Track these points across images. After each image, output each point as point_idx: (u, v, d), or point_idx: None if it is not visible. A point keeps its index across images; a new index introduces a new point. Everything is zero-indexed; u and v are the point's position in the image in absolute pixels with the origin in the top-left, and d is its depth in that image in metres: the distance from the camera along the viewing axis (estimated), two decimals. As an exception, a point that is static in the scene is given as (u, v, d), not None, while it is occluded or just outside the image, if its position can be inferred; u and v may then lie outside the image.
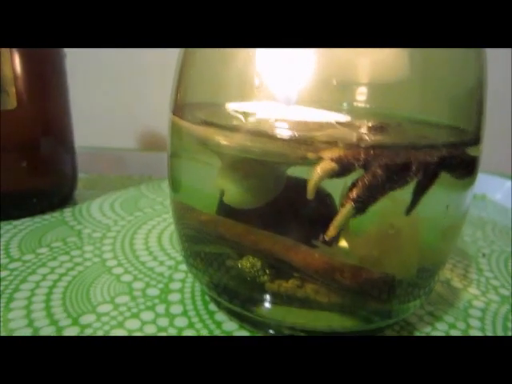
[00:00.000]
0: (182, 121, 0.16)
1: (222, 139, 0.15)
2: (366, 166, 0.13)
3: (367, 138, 0.14)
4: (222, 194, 0.18)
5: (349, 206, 0.14)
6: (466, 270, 0.25)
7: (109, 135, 0.46)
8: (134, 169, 0.41)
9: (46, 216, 0.29)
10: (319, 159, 0.14)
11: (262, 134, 0.15)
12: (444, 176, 0.15)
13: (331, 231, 0.14)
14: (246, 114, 0.15)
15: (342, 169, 0.13)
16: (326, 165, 0.13)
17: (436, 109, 0.16)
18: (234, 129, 0.15)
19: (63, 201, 0.31)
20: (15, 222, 0.27)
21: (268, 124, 0.15)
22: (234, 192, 0.16)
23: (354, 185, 0.14)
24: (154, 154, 0.42)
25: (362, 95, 0.15)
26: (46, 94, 0.28)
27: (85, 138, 0.35)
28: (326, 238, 0.14)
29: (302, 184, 0.17)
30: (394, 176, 0.14)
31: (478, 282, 0.24)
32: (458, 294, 0.22)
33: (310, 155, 0.14)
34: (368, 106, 0.16)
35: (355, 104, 0.15)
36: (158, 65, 0.46)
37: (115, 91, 0.47)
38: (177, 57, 0.18)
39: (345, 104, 0.15)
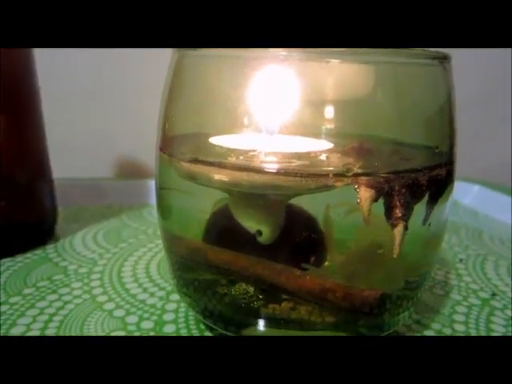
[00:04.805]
0: (172, 158, 0.17)
1: (248, 179, 0.16)
2: (391, 189, 0.15)
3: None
4: (210, 222, 0.19)
5: (401, 226, 0.15)
6: (446, 277, 0.26)
7: (85, 165, 0.46)
8: (112, 198, 0.40)
9: (28, 254, 0.28)
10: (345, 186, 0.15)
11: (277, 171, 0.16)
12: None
13: (397, 249, 0.15)
14: (233, 151, 0.16)
15: (377, 194, 0.15)
16: (367, 192, 0.15)
17: (411, 126, 0.17)
18: (240, 167, 0.16)
19: (45, 236, 0.31)
20: (-4, 264, 0.27)
21: (270, 158, 0.16)
22: (269, 231, 0.17)
23: (390, 207, 0.15)
24: (132, 182, 0.42)
25: (344, 118, 0.16)
26: (23, 130, 0.28)
27: (60, 170, 0.34)
28: (395, 256, 0.15)
29: (288, 209, 0.18)
30: (414, 192, 0.15)
31: (458, 288, 0.25)
32: (441, 300, 0.23)
33: (338, 184, 0.15)
34: (348, 128, 0.17)
35: (339, 127, 0.16)
36: (133, 92, 0.46)
37: (89, 119, 0.46)
38: (152, 89, 0.19)
39: (328, 128, 0.16)
